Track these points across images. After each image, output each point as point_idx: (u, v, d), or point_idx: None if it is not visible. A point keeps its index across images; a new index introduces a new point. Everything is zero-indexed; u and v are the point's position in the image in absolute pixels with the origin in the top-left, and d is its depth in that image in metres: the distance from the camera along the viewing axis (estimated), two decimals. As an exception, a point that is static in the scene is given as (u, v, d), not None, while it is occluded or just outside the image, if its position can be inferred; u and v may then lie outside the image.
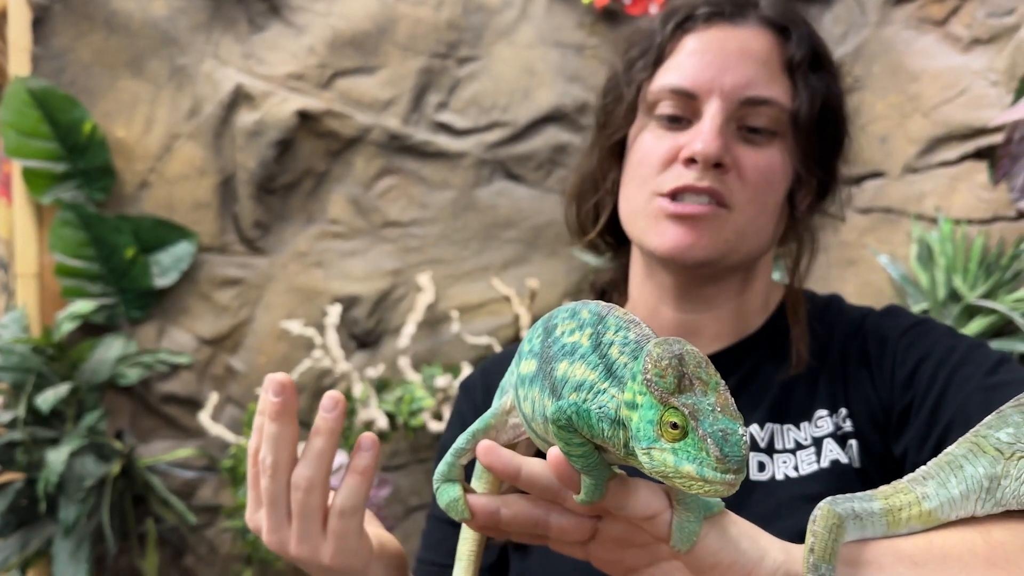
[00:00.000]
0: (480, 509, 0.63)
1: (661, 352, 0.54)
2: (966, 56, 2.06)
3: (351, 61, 2.35)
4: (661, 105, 0.96)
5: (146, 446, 2.23)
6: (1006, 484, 0.64)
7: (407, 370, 2.22)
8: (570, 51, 2.46)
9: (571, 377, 0.58)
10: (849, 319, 1.01)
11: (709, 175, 0.92)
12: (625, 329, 0.58)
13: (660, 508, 0.58)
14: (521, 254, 2.41)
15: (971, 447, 0.66)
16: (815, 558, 0.59)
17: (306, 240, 2.34)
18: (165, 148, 2.28)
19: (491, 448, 0.62)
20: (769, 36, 0.96)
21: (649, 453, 0.53)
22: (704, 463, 0.51)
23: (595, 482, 0.57)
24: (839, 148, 1.02)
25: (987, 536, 0.64)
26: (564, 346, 0.60)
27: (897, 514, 0.64)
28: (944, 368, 0.89)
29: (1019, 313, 1.82)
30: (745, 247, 0.96)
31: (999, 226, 1.97)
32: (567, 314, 0.62)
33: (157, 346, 2.24)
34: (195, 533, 2.23)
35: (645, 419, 0.53)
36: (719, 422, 0.52)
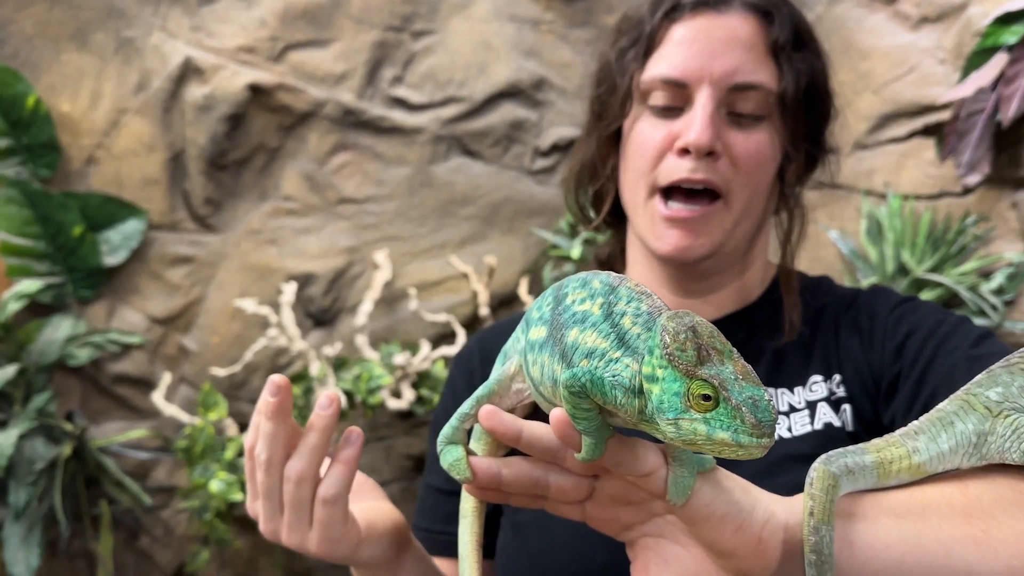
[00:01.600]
0: (482, 470, 0.64)
1: (676, 325, 0.56)
2: (915, 34, 2.10)
3: (303, 34, 2.31)
4: (653, 95, 1.00)
5: (98, 427, 2.19)
6: (992, 440, 0.68)
7: (365, 348, 2.21)
8: (526, 26, 2.44)
9: (582, 344, 0.60)
10: (840, 294, 1.06)
11: (702, 165, 0.96)
12: (637, 300, 0.61)
13: (657, 464, 0.61)
14: (479, 231, 2.41)
15: (962, 404, 0.69)
16: (815, 521, 0.62)
17: (259, 217, 2.31)
18: (112, 123, 2.22)
19: (493, 412, 0.63)
20: (754, 21, 1.00)
21: (676, 423, 0.56)
22: (739, 430, 0.54)
23: (595, 441, 0.59)
24: (826, 121, 1.06)
25: (964, 489, 0.67)
26: (575, 314, 0.62)
27: (888, 467, 0.67)
28: (931, 340, 0.94)
29: (964, 286, 1.87)
30: (740, 231, 1.01)
31: (946, 201, 2.02)
32: (578, 283, 0.64)
33: (107, 326, 2.20)
34: (150, 514, 2.20)
35: (670, 391, 0.56)
36: (746, 389, 0.55)
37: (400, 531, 0.90)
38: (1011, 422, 0.67)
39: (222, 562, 2.23)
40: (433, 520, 1.10)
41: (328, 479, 0.78)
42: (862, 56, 2.16)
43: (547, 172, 2.47)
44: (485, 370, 1.10)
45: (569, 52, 2.49)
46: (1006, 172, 1.89)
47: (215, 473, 2.01)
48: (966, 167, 1.87)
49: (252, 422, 0.80)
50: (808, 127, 1.03)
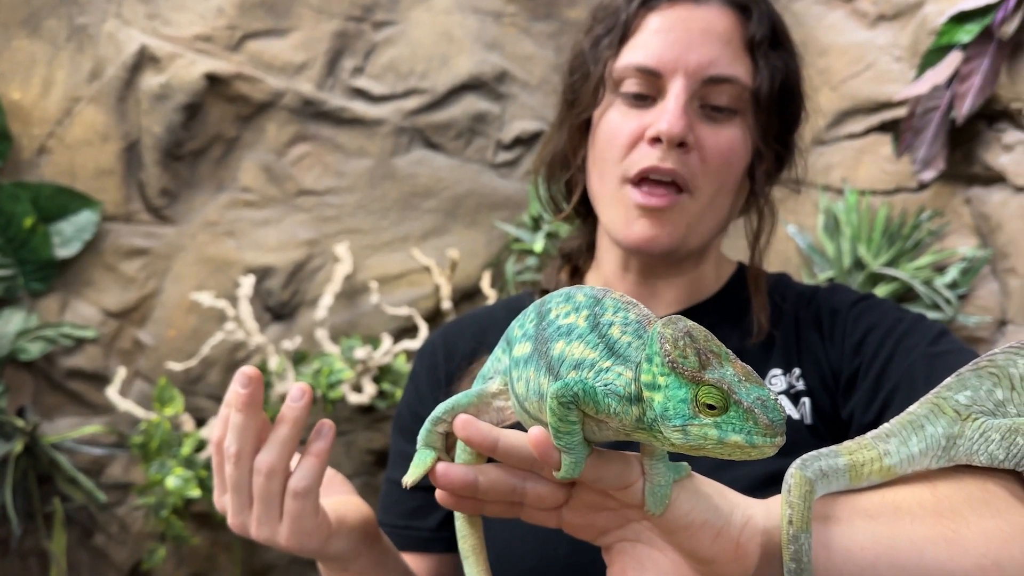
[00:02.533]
0: (458, 478, 0.63)
1: (673, 332, 0.56)
2: (872, 32, 2.12)
3: (262, 23, 2.27)
4: (626, 83, 0.98)
5: (51, 423, 2.15)
6: (960, 443, 0.69)
7: (325, 342, 2.19)
8: (488, 18, 2.43)
9: (568, 356, 0.60)
10: (800, 291, 1.07)
11: (672, 156, 0.95)
12: (624, 310, 0.60)
13: (634, 477, 0.61)
14: (441, 224, 2.40)
15: (932, 408, 0.70)
16: (795, 529, 0.63)
17: (216, 209, 2.27)
18: (65, 112, 2.17)
19: (468, 421, 0.63)
20: (731, 15, 0.99)
21: (685, 430, 0.55)
22: (752, 432, 0.54)
23: (575, 459, 0.59)
24: (796, 122, 1.06)
25: (934, 490, 0.69)
26: (560, 327, 0.61)
27: (860, 469, 0.68)
28: (890, 337, 0.95)
29: (919, 281, 1.91)
30: (705, 227, 1.01)
31: (901, 197, 2.05)
32: (561, 298, 0.63)
33: (60, 319, 2.15)
34: (105, 512, 2.16)
35: (676, 398, 0.55)
36: (752, 391, 0.55)
37: (369, 525, 0.90)
38: (979, 425, 0.69)
39: (179, 559, 2.20)
40: (398, 515, 1.10)
41: (299, 472, 0.78)
42: (820, 52, 2.19)
43: (510, 165, 2.47)
44: (449, 364, 1.11)
45: (532, 45, 2.49)
46: (960, 168, 1.92)
47: (171, 469, 1.98)
48: (921, 163, 1.89)
49: (220, 415, 0.80)
50: (779, 126, 1.03)
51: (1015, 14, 1.74)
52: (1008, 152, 1.82)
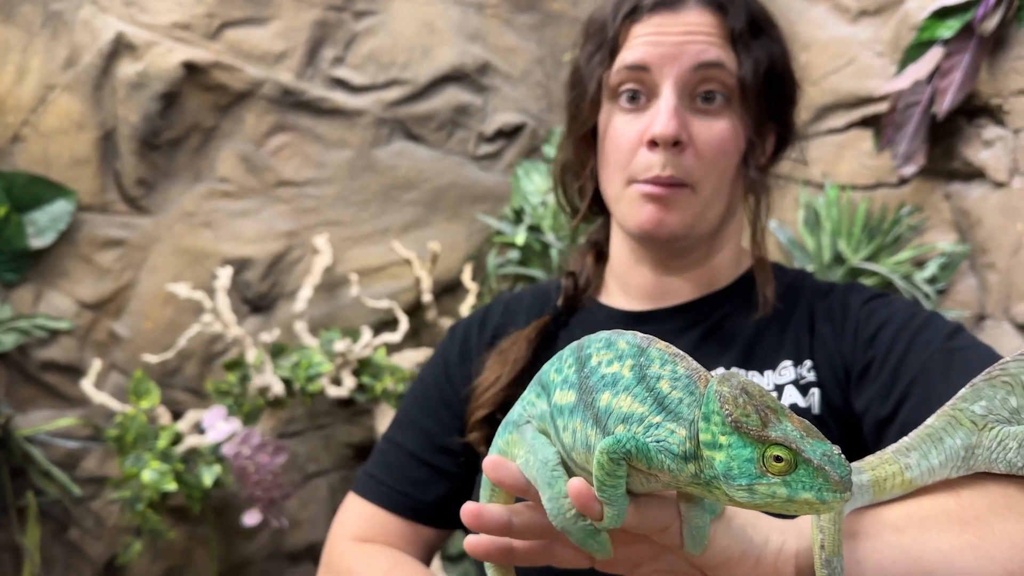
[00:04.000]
0: (492, 520, 0.63)
1: (730, 391, 0.56)
2: (854, 27, 2.13)
3: (241, 11, 2.25)
4: (621, 87, 1.06)
5: (24, 416, 2.11)
6: (979, 452, 0.71)
7: (304, 335, 2.17)
8: (471, 9, 2.42)
9: (616, 409, 0.59)
10: (816, 285, 1.13)
11: (670, 158, 1.02)
12: (672, 363, 0.60)
13: (672, 519, 0.61)
14: (422, 217, 2.38)
15: (949, 420, 0.72)
16: (827, 553, 0.64)
17: (193, 199, 2.24)
18: (39, 100, 2.13)
19: (499, 462, 0.63)
20: (709, 14, 1.06)
21: (751, 489, 0.55)
22: (822, 488, 0.55)
23: (618, 511, 0.58)
24: (791, 103, 1.13)
25: (958, 499, 0.71)
26: (603, 376, 0.61)
27: (883, 484, 0.70)
28: (905, 332, 0.98)
29: (899, 275, 1.91)
30: (710, 215, 1.07)
31: (882, 192, 2.06)
32: (601, 344, 0.63)
33: (34, 310, 2.12)
34: (80, 506, 2.14)
35: (741, 458, 0.55)
36: (817, 447, 0.55)
37: None
38: (996, 434, 0.70)
39: (155, 554, 2.18)
40: (398, 480, 1.13)
41: None
42: (802, 47, 2.18)
43: (492, 158, 2.45)
44: (481, 339, 1.16)
45: (514, 37, 2.47)
46: (940, 164, 1.93)
47: (147, 462, 1.96)
48: (902, 158, 1.90)
49: None
50: (772, 110, 1.09)
51: (996, 10, 1.74)
52: (988, 148, 1.83)
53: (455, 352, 1.18)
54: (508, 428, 0.68)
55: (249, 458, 1.98)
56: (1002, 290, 1.81)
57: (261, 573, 2.28)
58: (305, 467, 2.28)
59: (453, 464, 1.12)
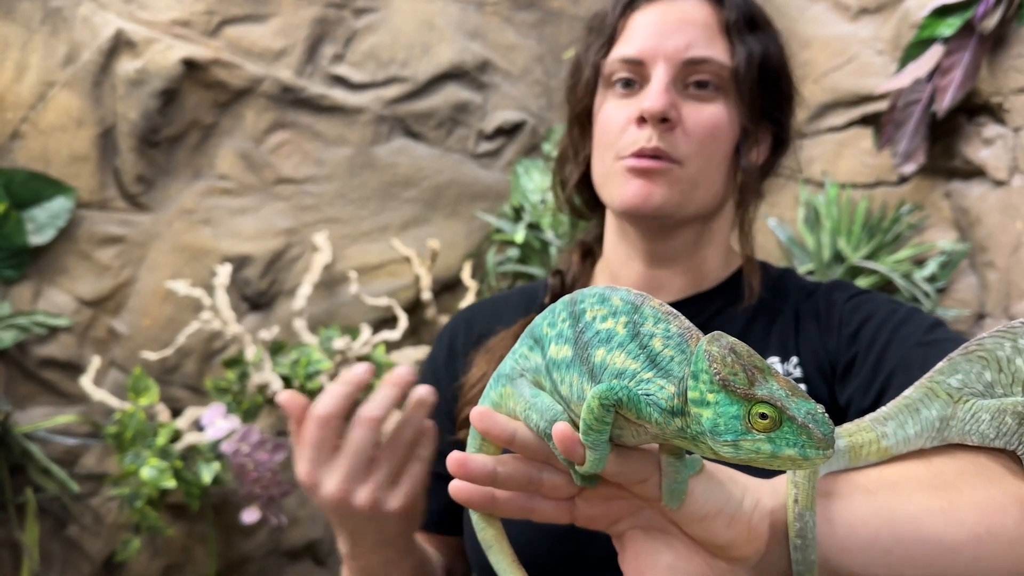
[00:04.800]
0: (477, 468, 0.64)
1: (719, 350, 0.58)
2: (854, 25, 2.12)
3: (240, 8, 2.24)
4: (615, 76, 1.08)
5: (23, 413, 2.11)
6: (953, 424, 0.73)
7: (303, 332, 2.17)
8: (470, 7, 2.41)
9: (610, 364, 0.61)
10: (802, 284, 1.14)
11: (657, 134, 1.03)
12: (665, 321, 0.62)
13: (651, 472, 0.63)
14: (421, 214, 2.38)
15: (926, 391, 0.74)
16: (800, 507, 0.66)
17: (193, 196, 2.24)
18: (39, 96, 2.13)
19: (487, 413, 0.65)
20: (706, 5, 1.08)
21: (736, 444, 0.57)
22: (805, 445, 0.56)
23: (599, 456, 0.61)
24: (786, 103, 1.13)
25: (929, 465, 0.73)
26: (598, 332, 0.63)
27: (859, 451, 0.72)
28: (886, 326, 1.01)
29: (899, 274, 1.91)
30: (698, 196, 1.07)
31: (881, 190, 2.06)
32: (595, 299, 0.64)
33: (33, 307, 2.12)
34: (79, 502, 2.14)
35: (727, 415, 0.57)
36: (801, 405, 0.57)
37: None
38: (970, 407, 0.72)
39: (154, 551, 2.18)
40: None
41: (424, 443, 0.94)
42: (803, 45, 2.18)
43: (491, 156, 2.45)
44: (467, 340, 1.17)
45: (514, 35, 2.47)
46: (940, 162, 1.92)
47: (146, 460, 1.96)
48: (902, 156, 1.90)
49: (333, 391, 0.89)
50: (766, 107, 1.09)
51: (996, 8, 1.74)
52: (988, 146, 1.82)
53: (442, 355, 1.19)
54: (500, 381, 0.70)
55: (248, 455, 1.98)
56: (1002, 288, 1.81)
57: (260, 570, 2.28)
58: (304, 464, 2.28)
59: None
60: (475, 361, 1.12)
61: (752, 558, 0.65)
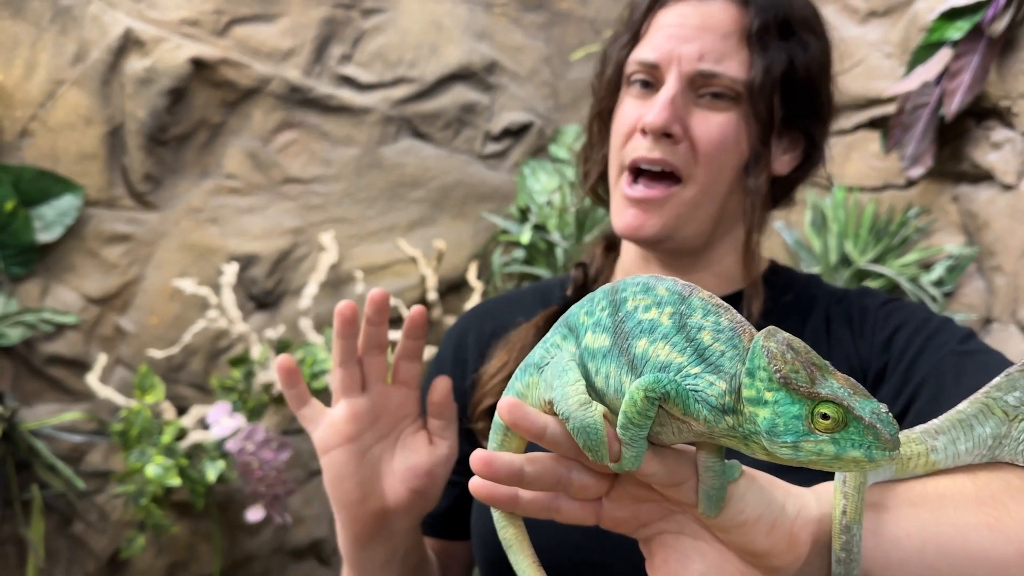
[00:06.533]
0: (503, 467, 0.60)
1: (777, 346, 0.55)
2: (863, 28, 2.12)
3: (249, 8, 2.25)
4: (634, 75, 1.05)
5: (30, 409, 2.12)
6: (1007, 443, 0.70)
7: (309, 331, 2.17)
8: (479, 7, 2.42)
9: (652, 356, 0.58)
10: (830, 291, 1.10)
11: (660, 146, 1.00)
12: (715, 314, 0.58)
13: (688, 476, 0.59)
14: (428, 215, 2.38)
15: (981, 408, 0.70)
16: (847, 519, 0.63)
17: (200, 195, 2.25)
18: (48, 95, 2.14)
19: (516, 404, 0.60)
20: (733, 8, 1.02)
21: (796, 446, 0.55)
22: (872, 446, 0.54)
23: (636, 452, 0.57)
24: (814, 115, 1.06)
25: (974, 479, 0.70)
26: (640, 322, 0.59)
27: (906, 463, 0.69)
28: (919, 335, 0.98)
29: (905, 278, 1.90)
30: (702, 214, 1.03)
31: (889, 194, 2.05)
32: (638, 288, 0.61)
33: (41, 305, 2.13)
34: (84, 499, 2.14)
35: (788, 415, 0.54)
36: (866, 404, 0.54)
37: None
38: None
39: (159, 548, 2.19)
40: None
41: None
42: (811, 48, 2.18)
43: (498, 157, 2.45)
44: (479, 344, 1.12)
45: (522, 36, 2.47)
46: (948, 165, 1.92)
47: (152, 457, 1.97)
48: (910, 160, 1.89)
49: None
50: (792, 116, 1.03)
51: (1005, 11, 1.73)
52: (996, 150, 1.82)
53: (450, 355, 1.15)
54: (528, 371, 0.66)
55: (253, 454, 1.98)
56: (1009, 293, 1.80)
57: (264, 569, 2.28)
58: (309, 464, 2.29)
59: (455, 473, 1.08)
60: (494, 353, 1.08)
61: (790, 568, 0.62)
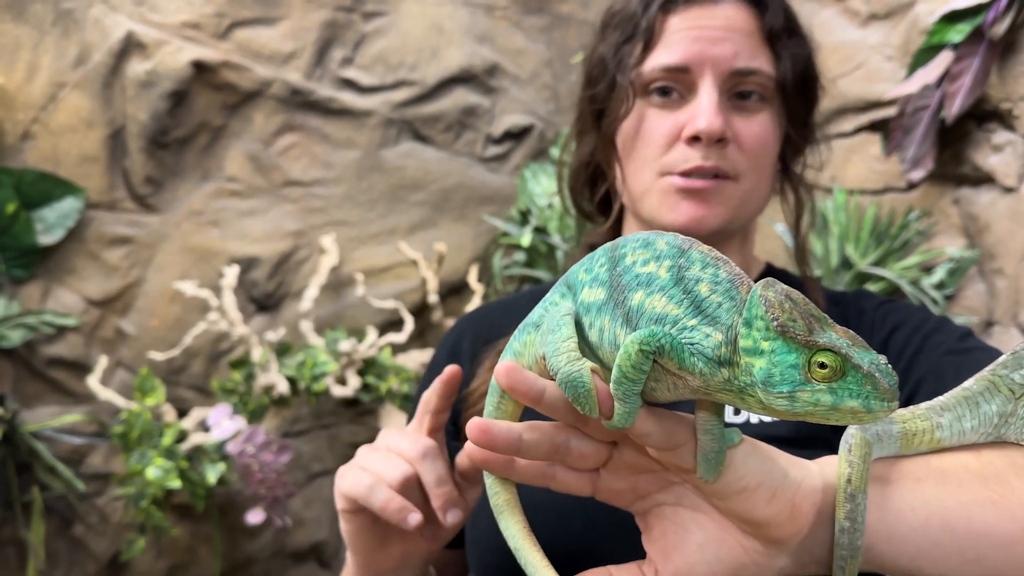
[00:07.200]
0: (501, 436, 0.59)
1: (775, 295, 0.54)
2: (864, 31, 2.12)
3: (250, 11, 2.25)
4: (654, 83, 1.02)
5: (31, 411, 2.12)
6: (1012, 422, 0.69)
7: (309, 334, 2.17)
8: (480, 11, 2.42)
9: (649, 309, 0.57)
10: (827, 294, 1.10)
11: (713, 152, 0.99)
12: (714, 266, 0.57)
13: (685, 438, 0.58)
14: (428, 217, 2.38)
15: (988, 385, 0.70)
16: (852, 488, 0.62)
17: (201, 198, 2.25)
18: (50, 97, 2.14)
19: (513, 368, 0.59)
20: (747, 10, 1.03)
21: (792, 396, 0.54)
22: (870, 396, 0.53)
23: (630, 409, 0.56)
24: (815, 105, 1.10)
25: (979, 456, 0.69)
26: (638, 276, 0.58)
27: (911, 438, 0.68)
28: (917, 334, 0.98)
29: (906, 281, 1.90)
30: (748, 210, 1.05)
31: (890, 196, 2.05)
32: (638, 244, 0.60)
33: (42, 307, 2.13)
34: (84, 502, 2.14)
35: (784, 364, 0.53)
36: (865, 355, 0.53)
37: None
38: None
39: (159, 551, 2.18)
40: None
41: None
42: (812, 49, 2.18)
43: (499, 159, 2.45)
44: (474, 346, 1.11)
45: (523, 39, 2.47)
46: (949, 168, 1.92)
47: (152, 459, 1.97)
48: (910, 163, 1.89)
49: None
50: (804, 112, 1.07)
51: (1006, 14, 1.73)
52: (997, 152, 1.81)
53: (444, 359, 1.13)
54: (526, 330, 0.65)
55: (253, 456, 1.98)
56: (1010, 296, 1.80)
57: (264, 572, 2.28)
58: (310, 466, 2.29)
59: None
60: (483, 363, 1.06)
61: (791, 540, 0.61)
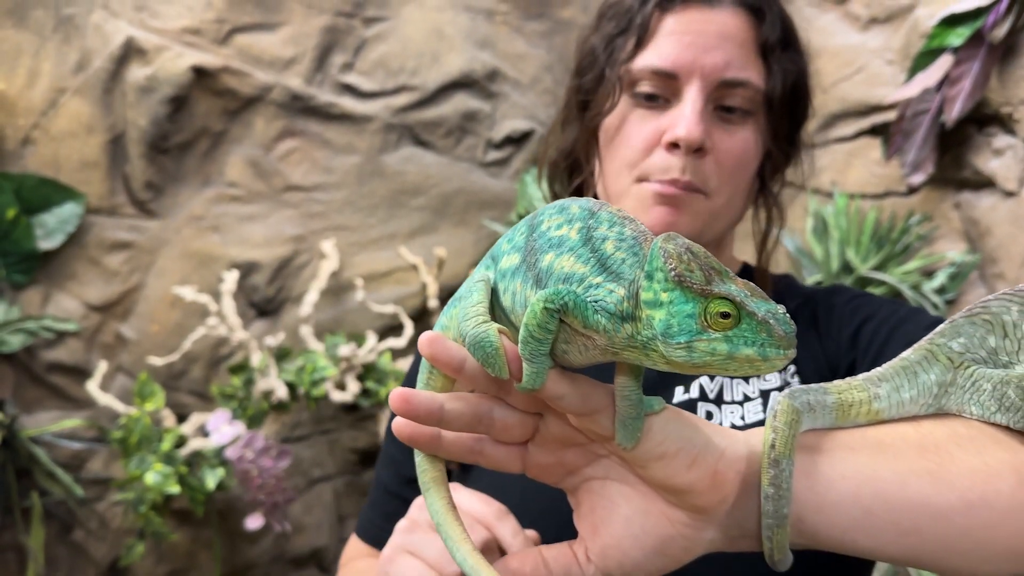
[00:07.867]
0: (422, 405, 0.59)
1: (675, 247, 0.54)
2: (864, 35, 2.12)
3: (250, 16, 2.26)
4: (641, 84, 1.00)
5: (30, 416, 2.12)
6: (952, 391, 0.68)
7: (309, 339, 2.17)
8: (480, 16, 2.42)
9: (557, 269, 0.58)
10: (799, 291, 1.09)
11: (690, 163, 0.98)
12: (620, 225, 0.58)
13: (603, 404, 0.58)
14: (429, 222, 2.38)
15: (926, 354, 0.69)
16: (776, 453, 0.61)
17: (201, 203, 2.25)
18: (50, 103, 2.15)
19: (436, 338, 0.59)
20: (744, 18, 1.00)
21: (689, 346, 0.53)
22: (766, 344, 0.53)
23: (536, 369, 0.56)
24: (804, 120, 1.08)
25: (917, 427, 0.68)
26: (551, 239, 0.59)
27: (847, 410, 0.67)
28: (886, 325, 0.97)
29: (907, 285, 1.89)
30: (719, 225, 1.03)
31: (890, 201, 2.04)
32: (554, 210, 0.61)
33: (42, 312, 2.13)
34: (84, 507, 2.14)
35: (681, 314, 0.53)
36: (761, 304, 0.53)
37: None
38: (970, 374, 0.67)
39: (158, 556, 2.18)
40: (379, 515, 1.09)
41: None
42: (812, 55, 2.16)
43: (499, 164, 2.45)
44: None
45: (523, 44, 2.47)
46: (949, 172, 1.91)
47: (151, 465, 1.96)
48: (911, 167, 1.88)
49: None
50: (791, 126, 1.05)
51: (1006, 17, 1.73)
52: (998, 156, 1.81)
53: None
54: (454, 304, 0.65)
55: (252, 462, 1.97)
56: (1012, 300, 1.80)
57: (264, 577, 2.27)
58: (309, 472, 2.28)
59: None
60: None
61: (716, 510, 0.60)
